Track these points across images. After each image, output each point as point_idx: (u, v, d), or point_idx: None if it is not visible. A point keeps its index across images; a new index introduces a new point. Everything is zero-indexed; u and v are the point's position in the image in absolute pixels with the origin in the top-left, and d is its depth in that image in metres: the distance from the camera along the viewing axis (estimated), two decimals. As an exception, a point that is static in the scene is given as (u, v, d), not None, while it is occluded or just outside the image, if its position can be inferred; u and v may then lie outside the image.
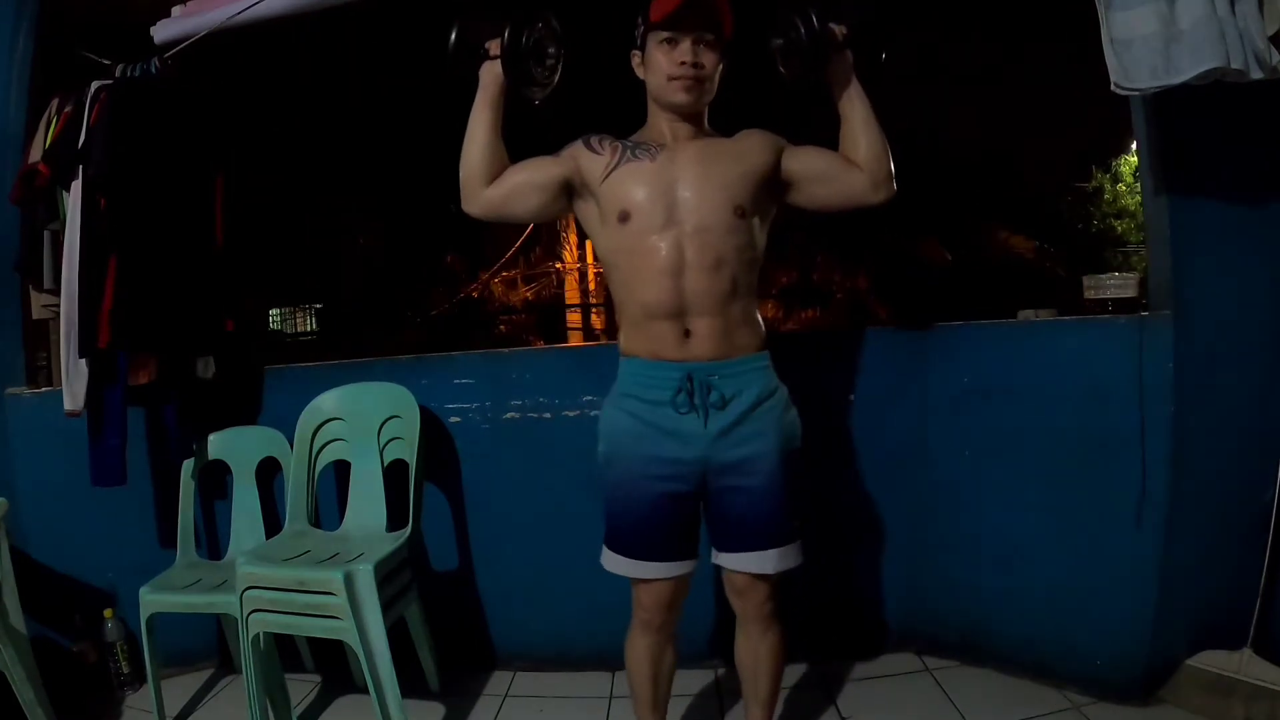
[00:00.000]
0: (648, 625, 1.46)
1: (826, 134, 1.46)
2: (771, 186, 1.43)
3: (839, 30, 1.39)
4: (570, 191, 1.45)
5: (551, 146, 1.46)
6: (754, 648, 1.47)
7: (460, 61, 1.43)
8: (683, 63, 1.35)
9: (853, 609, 2.08)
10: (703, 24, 1.34)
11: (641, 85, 1.46)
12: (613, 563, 1.43)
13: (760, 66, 1.49)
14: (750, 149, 1.42)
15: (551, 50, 1.46)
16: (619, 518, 1.43)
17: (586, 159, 1.41)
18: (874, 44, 1.44)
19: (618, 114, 1.51)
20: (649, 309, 1.35)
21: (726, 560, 1.41)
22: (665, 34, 1.36)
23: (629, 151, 1.40)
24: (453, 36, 1.41)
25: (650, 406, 1.37)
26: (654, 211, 1.34)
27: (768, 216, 1.44)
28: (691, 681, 1.94)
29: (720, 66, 1.40)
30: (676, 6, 1.32)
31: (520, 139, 1.48)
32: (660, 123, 1.43)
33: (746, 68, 1.51)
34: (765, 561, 1.38)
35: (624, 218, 1.36)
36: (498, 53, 1.40)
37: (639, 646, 1.49)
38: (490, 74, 1.43)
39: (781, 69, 1.47)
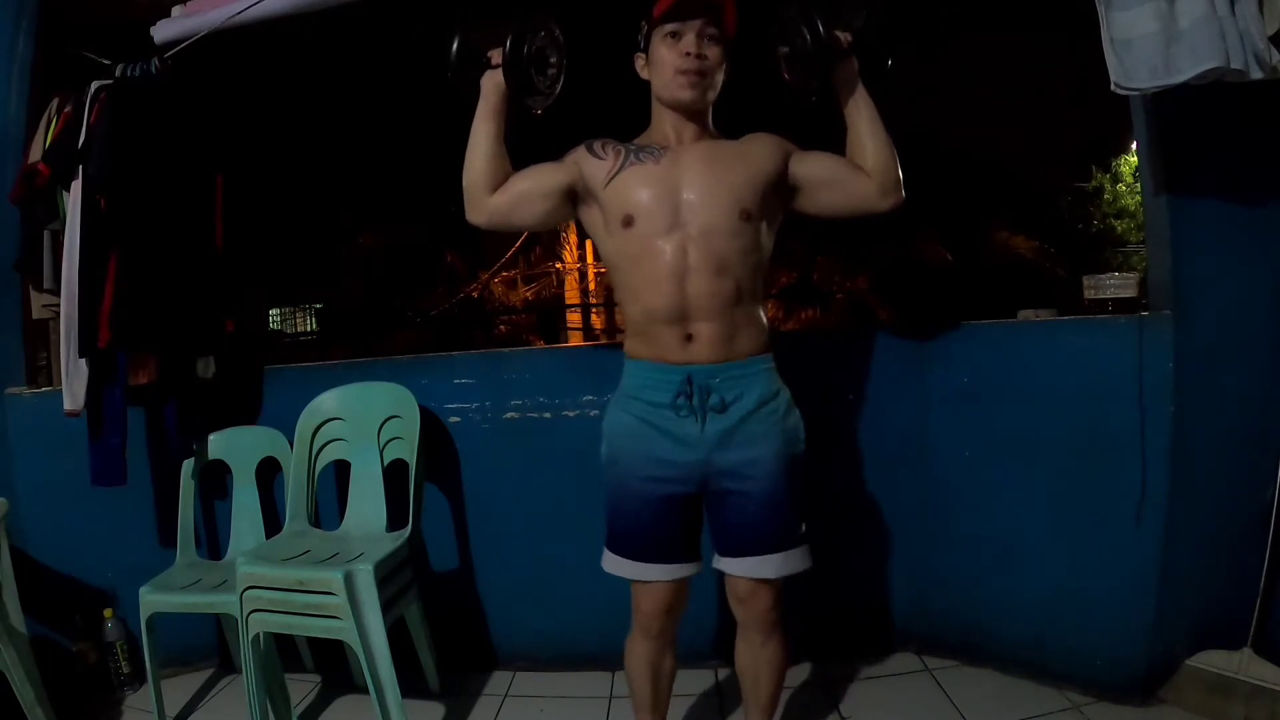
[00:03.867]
0: (648, 630, 1.45)
1: (834, 142, 1.46)
2: (778, 191, 1.41)
3: (844, 37, 1.38)
4: (574, 198, 1.44)
5: (554, 154, 1.46)
6: (754, 654, 1.45)
7: (462, 71, 1.42)
8: (687, 54, 1.34)
9: (853, 609, 2.08)
10: (704, 12, 1.34)
11: (644, 90, 1.45)
12: (613, 564, 1.43)
13: (767, 73, 1.48)
14: (757, 152, 1.41)
15: (553, 59, 1.46)
16: (619, 518, 1.43)
17: (590, 164, 1.40)
18: (879, 51, 1.42)
19: (620, 121, 1.50)
20: (651, 313, 1.34)
21: (728, 565, 1.40)
22: (669, 28, 1.36)
23: (632, 155, 1.38)
24: (454, 46, 1.40)
25: (651, 408, 1.36)
26: (658, 215, 1.33)
27: (774, 221, 1.42)
28: (692, 682, 1.94)
29: (724, 64, 1.39)
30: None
31: (523, 147, 1.47)
32: (664, 125, 1.42)
33: (753, 74, 1.50)
34: (766, 566, 1.36)
35: (628, 222, 1.35)
36: (499, 62, 1.39)
37: (638, 652, 1.48)
38: (492, 83, 1.42)
39: (786, 75, 1.46)
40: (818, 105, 1.43)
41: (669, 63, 1.36)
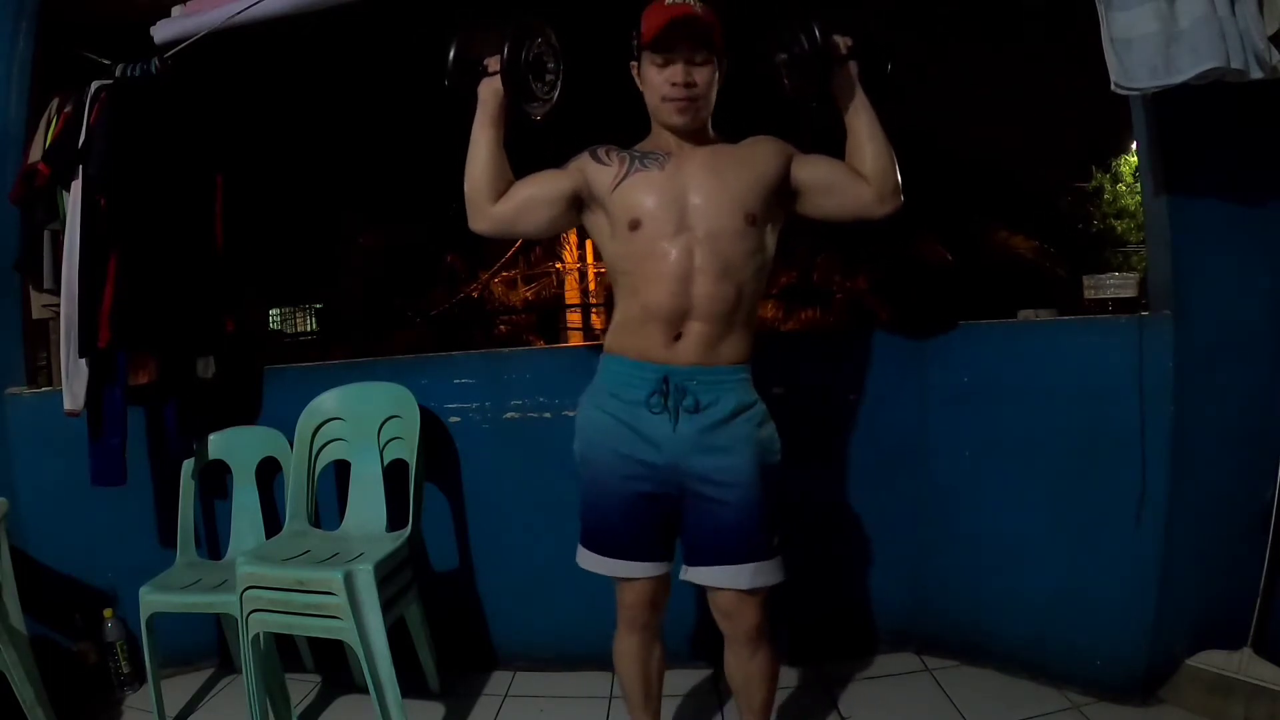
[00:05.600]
0: (632, 623, 1.46)
1: (832, 147, 1.45)
2: (780, 194, 1.41)
3: (843, 42, 1.38)
4: (579, 204, 1.43)
5: (555, 161, 1.45)
6: (743, 666, 1.44)
7: (459, 78, 1.42)
8: (674, 84, 1.34)
9: (853, 609, 2.08)
10: (692, 42, 1.33)
11: (642, 96, 1.45)
12: (587, 561, 1.43)
13: (767, 78, 1.47)
14: (759, 156, 1.41)
15: (551, 66, 1.45)
16: (593, 515, 1.42)
17: (594, 170, 1.40)
18: (879, 56, 1.42)
19: (620, 128, 1.50)
20: (650, 311, 1.34)
21: (697, 575, 1.37)
22: (657, 56, 1.35)
23: (637, 161, 1.39)
24: (451, 53, 1.40)
25: (626, 406, 1.36)
26: (665, 218, 1.33)
27: (777, 224, 1.43)
28: (686, 681, 1.94)
29: (715, 80, 1.39)
30: (664, 27, 1.31)
31: (523, 154, 1.47)
32: (665, 133, 1.42)
33: (753, 79, 1.49)
34: (739, 576, 1.33)
35: (634, 225, 1.35)
36: (497, 69, 1.39)
37: (626, 645, 1.49)
38: (490, 90, 1.42)
39: (785, 82, 1.45)
40: (817, 110, 1.43)
41: (658, 89, 1.37)
